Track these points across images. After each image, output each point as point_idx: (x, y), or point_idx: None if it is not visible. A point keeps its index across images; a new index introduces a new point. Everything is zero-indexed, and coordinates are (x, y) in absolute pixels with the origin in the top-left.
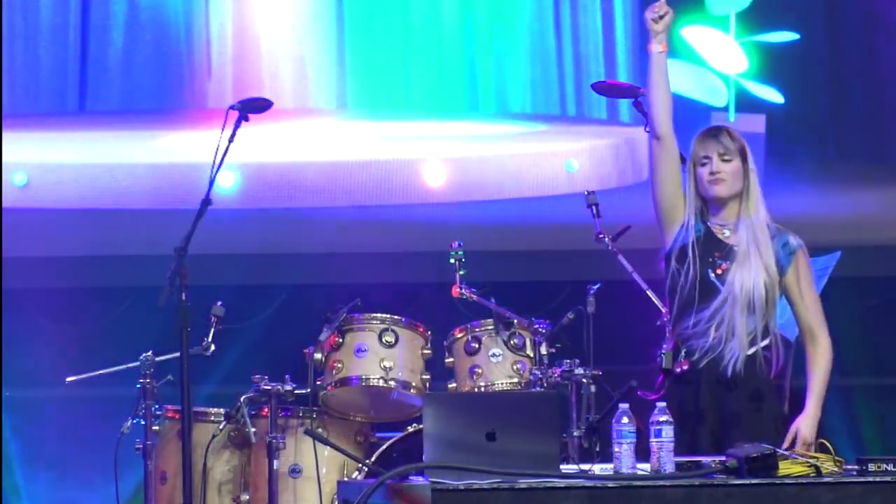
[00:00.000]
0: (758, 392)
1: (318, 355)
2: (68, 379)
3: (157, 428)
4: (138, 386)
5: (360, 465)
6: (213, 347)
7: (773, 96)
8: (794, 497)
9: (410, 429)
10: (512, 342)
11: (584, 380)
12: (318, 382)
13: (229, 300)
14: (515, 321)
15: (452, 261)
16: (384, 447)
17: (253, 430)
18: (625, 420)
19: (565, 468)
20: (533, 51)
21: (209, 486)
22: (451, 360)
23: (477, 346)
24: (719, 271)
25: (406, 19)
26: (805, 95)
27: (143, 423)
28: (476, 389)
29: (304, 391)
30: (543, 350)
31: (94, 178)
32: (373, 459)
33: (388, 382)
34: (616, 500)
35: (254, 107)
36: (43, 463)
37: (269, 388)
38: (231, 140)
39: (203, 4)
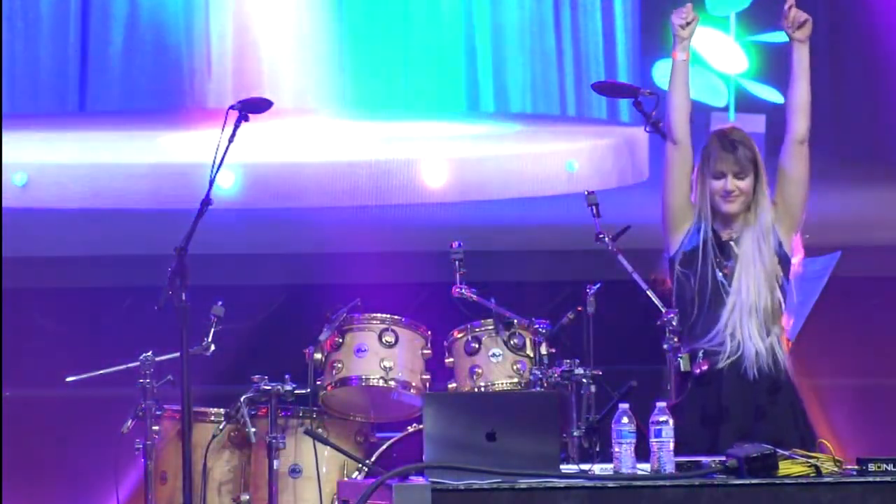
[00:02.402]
0: (775, 384)
1: (318, 355)
2: (68, 379)
3: (157, 428)
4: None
5: (360, 465)
6: (213, 347)
7: (773, 96)
8: (794, 497)
9: (410, 429)
10: (512, 342)
11: (584, 380)
12: (318, 382)
13: (229, 300)
14: (515, 321)
15: (453, 260)
16: (384, 447)
17: (253, 430)
18: (625, 420)
19: (565, 468)
20: (533, 51)
21: (209, 486)
22: (451, 360)
23: (477, 346)
24: (726, 271)
25: (406, 19)
26: None
27: (143, 422)
28: (476, 389)
29: (304, 391)
30: (543, 350)
31: (94, 178)
32: (373, 459)
33: (388, 382)
34: (616, 500)
35: (254, 107)
36: (42, 463)
37: (269, 388)
38: (231, 140)
39: (203, 4)
